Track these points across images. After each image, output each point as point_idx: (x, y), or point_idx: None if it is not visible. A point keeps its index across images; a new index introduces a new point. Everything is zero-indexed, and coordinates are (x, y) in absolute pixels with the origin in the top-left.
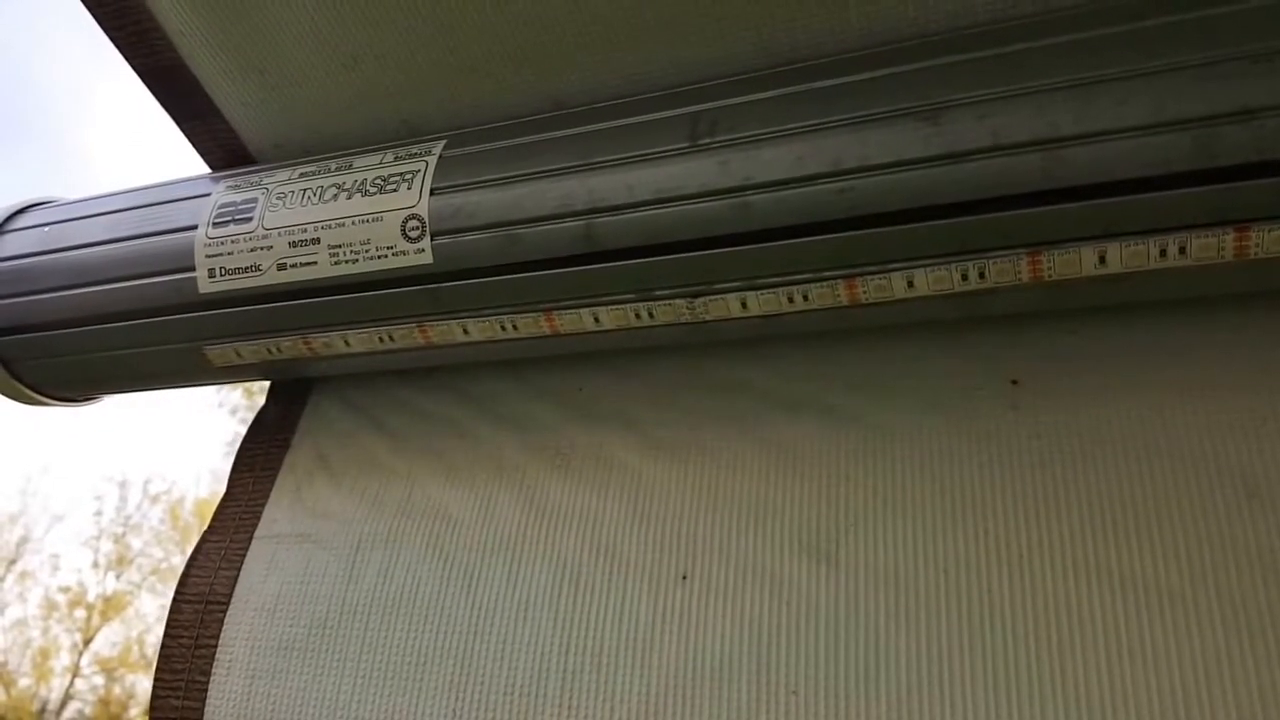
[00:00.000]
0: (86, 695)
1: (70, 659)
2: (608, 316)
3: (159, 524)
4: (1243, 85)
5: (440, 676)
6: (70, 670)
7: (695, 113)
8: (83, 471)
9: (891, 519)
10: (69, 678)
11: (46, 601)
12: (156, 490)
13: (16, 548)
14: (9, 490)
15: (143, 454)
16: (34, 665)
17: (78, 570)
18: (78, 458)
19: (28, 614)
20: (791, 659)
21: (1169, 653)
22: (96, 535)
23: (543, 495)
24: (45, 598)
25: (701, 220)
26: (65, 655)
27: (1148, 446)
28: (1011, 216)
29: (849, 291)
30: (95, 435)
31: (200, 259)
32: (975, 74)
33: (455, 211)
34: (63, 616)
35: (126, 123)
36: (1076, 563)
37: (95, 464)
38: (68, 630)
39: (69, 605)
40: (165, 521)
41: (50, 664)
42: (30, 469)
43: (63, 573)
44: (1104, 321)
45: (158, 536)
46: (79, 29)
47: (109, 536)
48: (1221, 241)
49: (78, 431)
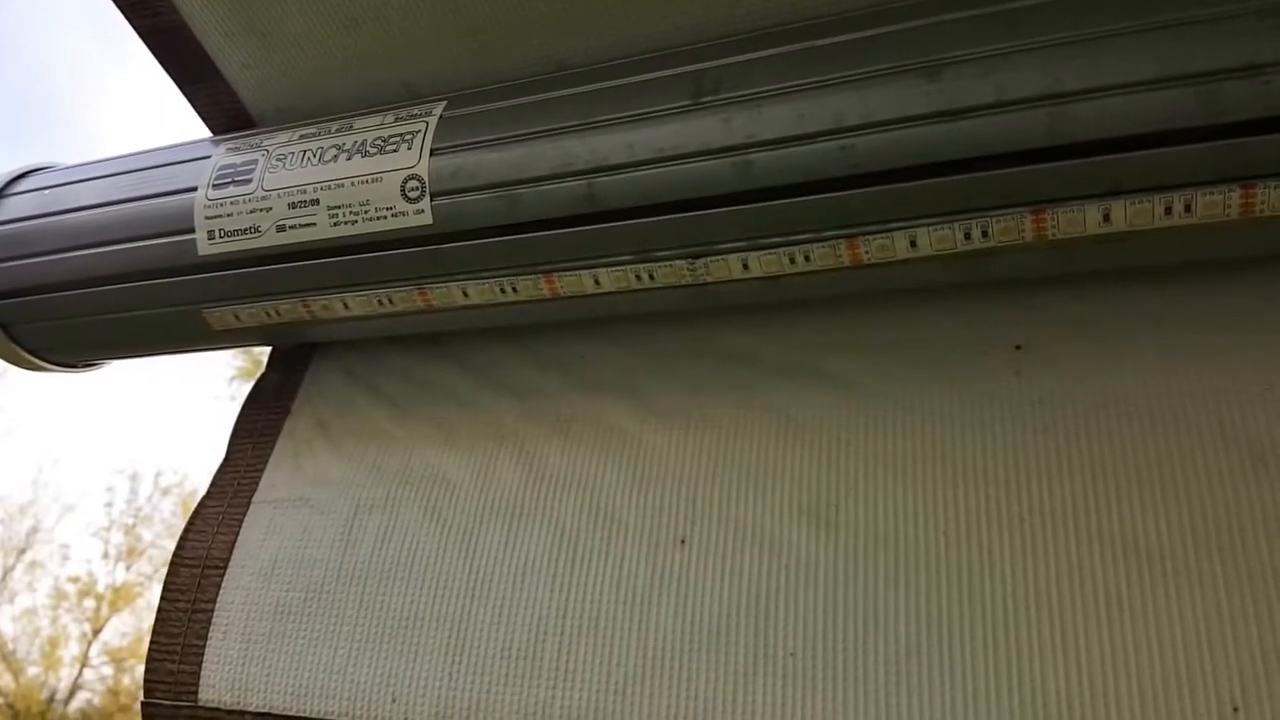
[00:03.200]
0: (95, 685)
1: (79, 649)
2: (608, 278)
3: (170, 516)
4: (1250, 41)
5: (437, 640)
6: (79, 660)
7: (698, 71)
8: (94, 463)
9: (891, 483)
10: (78, 668)
11: (56, 591)
12: (168, 483)
13: (27, 537)
14: (20, 480)
15: (154, 446)
16: (43, 654)
17: (87, 561)
18: (89, 449)
19: (37, 603)
20: (789, 622)
21: (1170, 616)
22: (107, 526)
23: (542, 461)
24: (55, 587)
25: (703, 179)
26: (74, 645)
27: (1152, 412)
28: (1015, 174)
29: (851, 252)
30: (107, 427)
31: (200, 220)
32: (978, 30)
33: (455, 172)
34: (72, 606)
35: (137, 110)
36: (1078, 527)
37: (106, 456)
38: (77, 620)
39: (78, 595)
40: (176, 514)
41: (59, 653)
42: (42, 460)
43: (72, 563)
44: (1109, 287)
45: (168, 528)
46: (88, 15)
47: (119, 528)
48: (1227, 199)
49: (89, 423)
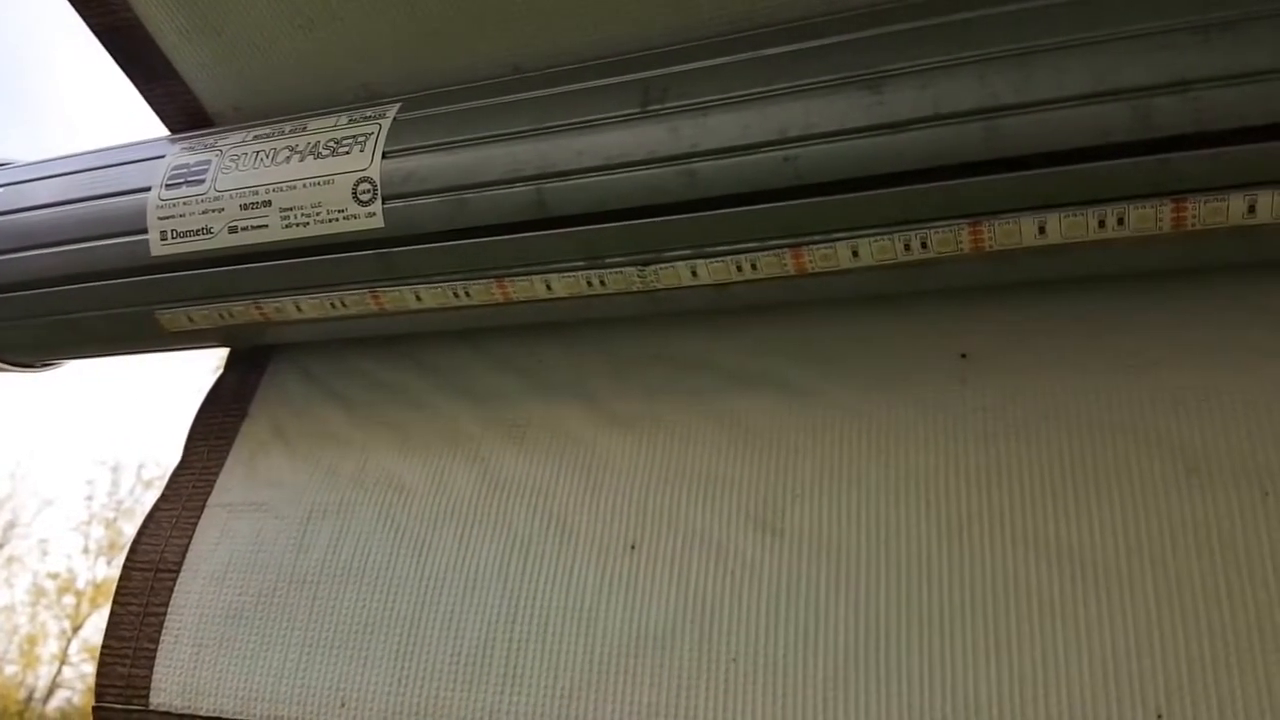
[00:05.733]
0: (75, 683)
1: (58, 646)
2: (560, 284)
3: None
4: (1180, 57)
5: (387, 645)
6: (58, 658)
7: (648, 79)
8: (74, 455)
9: (836, 491)
10: (57, 665)
11: (35, 588)
12: (150, 475)
13: (4, 532)
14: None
15: (136, 438)
16: (21, 652)
17: (67, 556)
18: (69, 442)
19: (15, 600)
20: (733, 627)
21: (1101, 623)
22: (87, 520)
23: (497, 466)
24: (34, 584)
25: (650, 187)
26: (53, 642)
27: (1091, 421)
28: (952, 186)
29: (796, 261)
30: (87, 419)
31: (153, 221)
32: (919, 42)
33: (407, 175)
34: (51, 603)
35: (109, 105)
36: (1015, 534)
37: (87, 448)
38: (56, 617)
39: (58, 591)
40: None
41: (37, 651)
42: (20, 452)
43: (52, 558)
44: (1054, 298)
45: None
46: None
47: (100, 521)
48: (1159, 213)
49: (69, 415)
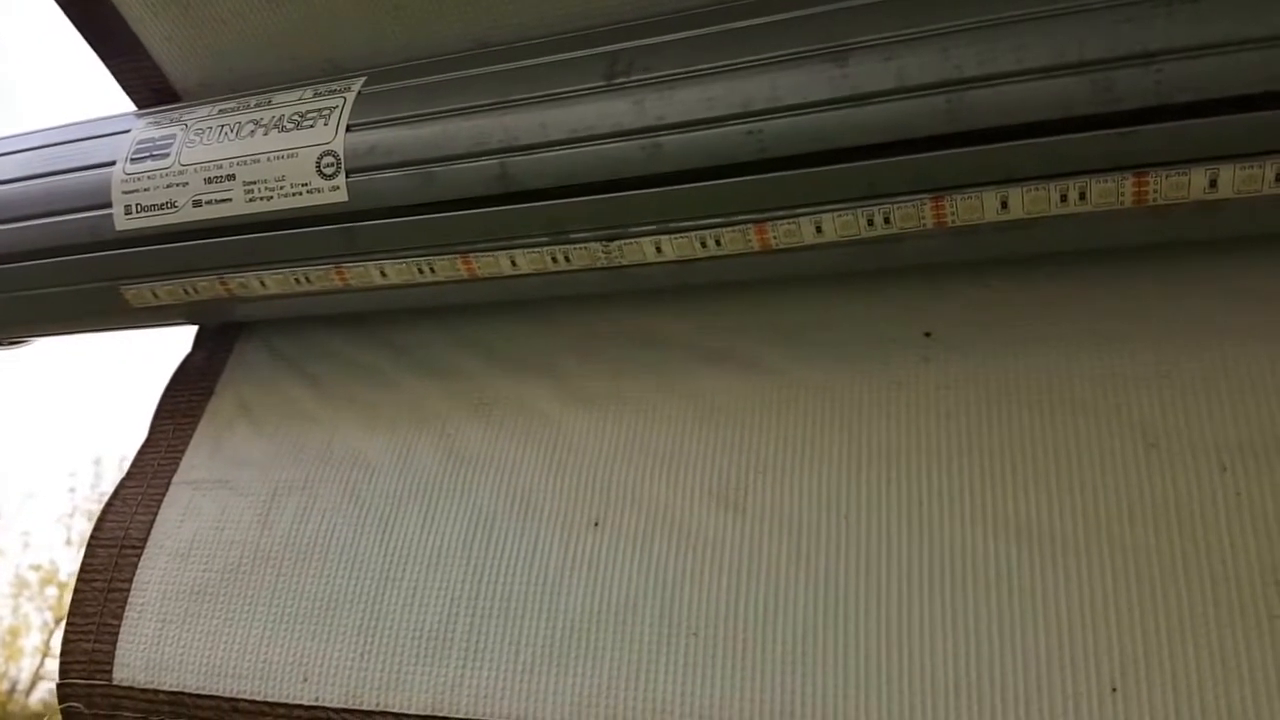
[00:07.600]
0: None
1: (41, 638)
2: (525, 260)
3: None
4: (1143, 30)
5: (350, 621)
6: (41, 650)
7: (613, 52)
8: (57, 447)
9: (799, 467)
10: (40, 658)
11: (17, 579)
12: None
13: None
14: None
15: (118, 431)
16: (3, 644)
17: (50, 548)
18: (52, 433)
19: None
20: (694, 603)
21: (1057, 598)
22: (70, 512)
23: (462, 444)
24: (16, 575)
25: (614, 161)
26: (36, 634)
27: (1051, 398)
28: (914, 160)
29: (760, 236)
30: (70, 411)
31: (117, 195)
32: (884, 14)
33: (371, 149)
34: (34, 595)
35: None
36: (974, 510)
37: (70, 440)
38: (39, 609)
39: (40, 583)
40: None
41: (20, 643)
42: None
43: (34, 550)
44: (1018, 275)
45: None
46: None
47: (83, 514)
48: (1121, 187)
49: (51, 409)
